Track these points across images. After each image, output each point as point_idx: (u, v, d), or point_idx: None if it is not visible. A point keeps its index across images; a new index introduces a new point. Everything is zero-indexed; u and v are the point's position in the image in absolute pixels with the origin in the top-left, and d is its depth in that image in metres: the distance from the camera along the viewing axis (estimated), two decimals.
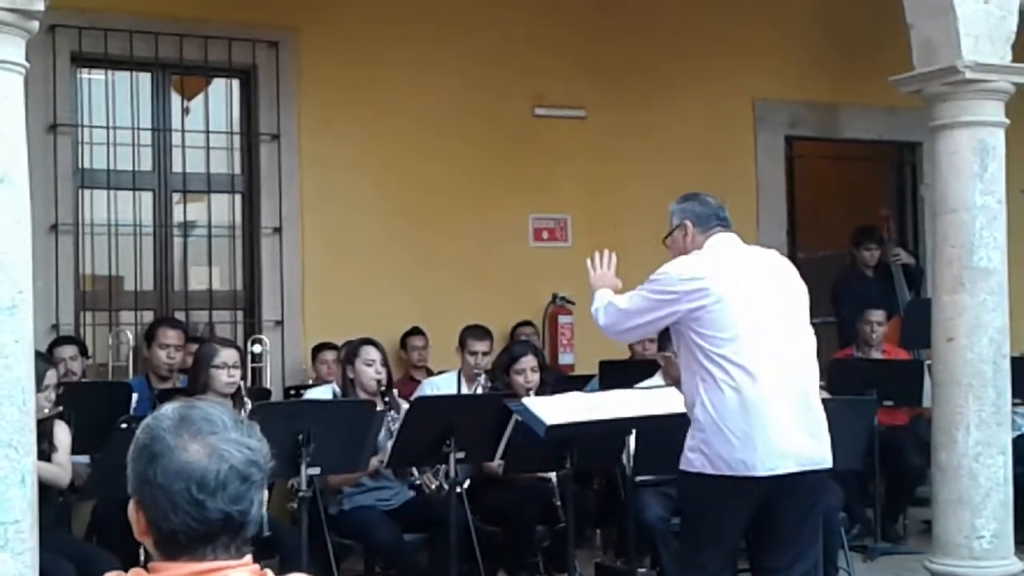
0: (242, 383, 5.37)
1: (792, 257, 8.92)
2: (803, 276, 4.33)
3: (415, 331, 7.57)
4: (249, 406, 4.99)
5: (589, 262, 4.55)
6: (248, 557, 1.79)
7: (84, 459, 5.19)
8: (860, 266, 8.55)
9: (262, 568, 1.80)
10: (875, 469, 6.79)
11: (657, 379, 5.76)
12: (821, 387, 6.08)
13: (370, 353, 5.63)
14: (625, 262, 4.59)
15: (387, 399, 5.51)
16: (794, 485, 4.00)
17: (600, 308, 4.33)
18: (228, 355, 5.29)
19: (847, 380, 6.75)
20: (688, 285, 4.05)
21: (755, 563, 4.39)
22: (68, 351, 6.30)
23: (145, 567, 1.78)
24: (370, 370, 5.58)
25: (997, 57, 5.28)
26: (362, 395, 5.51)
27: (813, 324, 4.16)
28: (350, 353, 5.70)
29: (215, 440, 1.75)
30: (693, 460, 4.07)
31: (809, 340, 4.19)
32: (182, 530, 1.74)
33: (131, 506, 1.79)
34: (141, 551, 1.81)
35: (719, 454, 3.98)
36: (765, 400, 3.96)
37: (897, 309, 8.11)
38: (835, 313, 8.56)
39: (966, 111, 5.30)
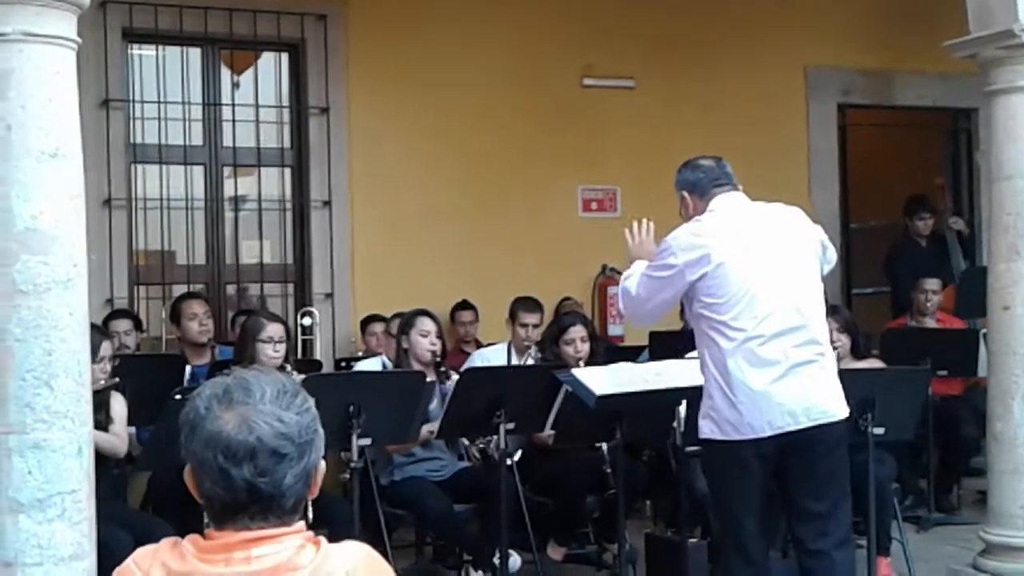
0: (290, 357, 5.42)
1: (845, 226, 8.91)
2: (856, 245, 4.28)
3: (464, 305, 7.58)
4: (295, 378, 5.01)
5: (627, 231, 4.52)
6: (301, 524, 1.80)
7: (131, 430, 5.24)
8: (914, 235, 8.45)
9: (315, 536, 1.81)
10: (929, 439, 6.74)
11: None
12: (874, 355, 6.08)
13: (425, 324, 5.65)
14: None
15: (441, 370, 5.54)
16: (808, 441, 3.97)
17: (620, 292, 4.31)
18: (274, 330, 5.33)
19: (901, 349, 6.68)
20: (689, 255, 4.02)
21: (794, 539, 4.34)
22: (123, 325, 6.38)
23: (202, 534, 1.80)
24: (425, 341, 5.61)
25: None
26: (416, 365, 5.54)
27: (866, 294, 4.11)
28: (405, 323, 5.72)
29: (246, 410, 1.76)
30: (703, 427, 4.10)
31: (816, 294, 4.13)
32: (214, 497, 1.76)
33: (186, 471, 1.82)
34: (204, 518, 1.81)
35: (726, 418, 3.98)
36: (768, 361, 3.94)
37: (952, 278, 8.01)
38: (889, 282, 8.48)
39: (1023, 75, 5.20)
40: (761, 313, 3.96)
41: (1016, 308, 5.21)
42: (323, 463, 1.85)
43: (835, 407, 4.07)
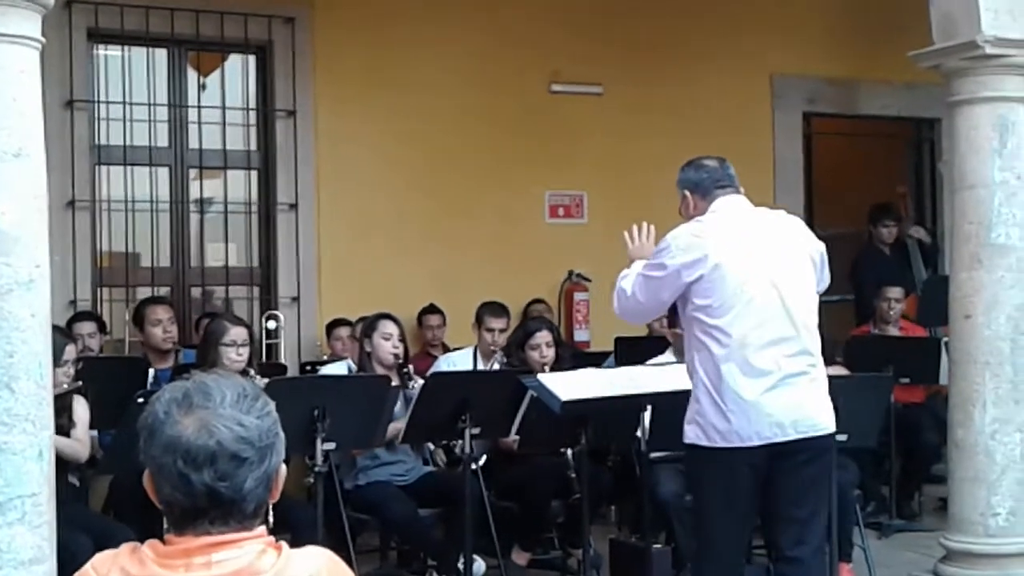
0: (254, 361, 5.39)
1: None
2: None
3: (432, 309, 7.58)
4: (259, 382, 4.98)
5: (627, 234, 4.46)
6: (261, 529, 1.79)
7: (92, 434, 5.20)
8: (878, 243, 8.52)
9: (277, 540, 1.80)
10: (891, 446, 6.79)
11: (668, 356, 5.76)
12: (838, 363, 6.13)
13: (387, 327, 5.65)
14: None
15: (404, 372, 5.54)
16: (793, 450, 3.94)
17: (616, 293, 4.24)
18: (237, 333, 5.30)
19: (864, 357, 6.73)
20: (686, 256, 3.96)
21: (770, 544, 4.29)
22: (87, 327, 6.32)
23: (162, 539, 1.79)
24: (387, 344, 5.60)
25: (1018, 31, 5.22)
26: (379, 369, 5.53)
27: (831, 302, 4.11)
28: (368, 327, 5.72)
29: (206, 415, 1.75)
30: (688, 432, 4.04)
31: (811, 305, 4.09)
32: (174, 502, 1.75)
33: (145, 476, 1.80)
34: (164, 522, 1.80)
35: (713, 425, 3.94)
36: (761, 371, 3.90)
37: (914, 287, 8.08)
38: (853, 290, 8.54)
39: (986, 86, 5.25)
40: (756, 320, 3.92)
41: (977, 317, 5.26)
42: (284, 467, 1.84)
43: (824, 420, 4.03)
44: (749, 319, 3.93)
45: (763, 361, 3.92)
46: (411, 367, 5.74)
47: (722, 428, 3.93)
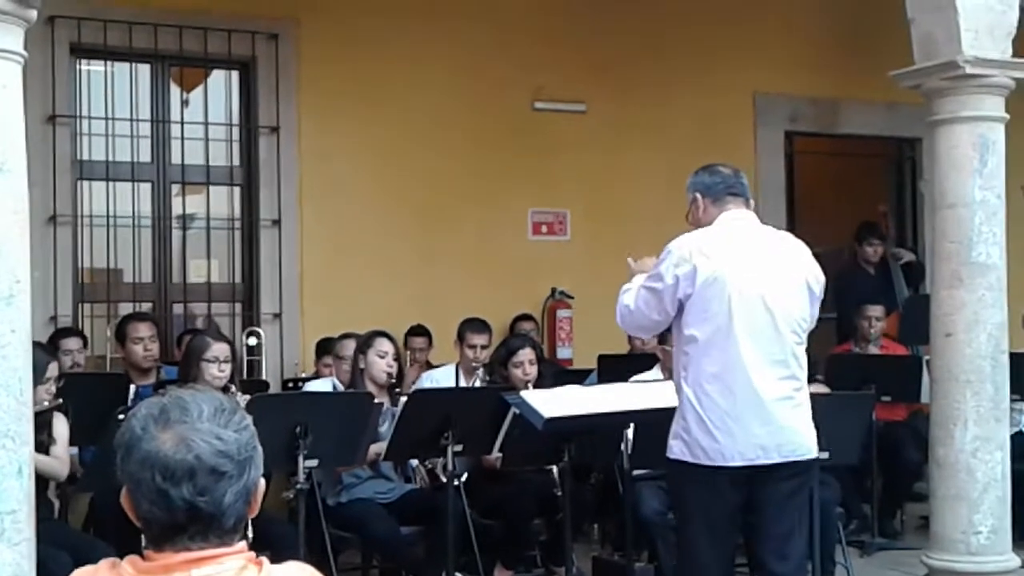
0: (236, 378, 5.36)
1: None
2: None
3: (418, 330, 7.48)
4: (240, 399, 4.95)
5: (630, 260, 4.43)
6: (242, 544, 1.78)
7: (73, 450, 5.17)
8: (862, 262, 8.55)
9: (257, 557, 1.79)
10: (872, 464, 6.80)
11: (655, 372, 5.76)
12: (819, 381, 6.14)
13: (383, 345, 5.62)
14: (623, 257, 4.57)
15: (396, 391, 5.51)
16: (774, 466, 3.96)
17: (619, 309, 4.22)
18: (219, 349, 5.27)
19: (845, 375, 6.75)
20: (684, 268, 3.97)
21: (754, 563, 4.25)
22: (74, 343, 6.31)
23: (141, 555, 1.78)
24: (382, 362, 5.57)
25: (998, 52, 5.27)
26: (371, 387, 5.50)
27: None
28: (363, 344, 5.68)
29: (184, 429, 1.74)
30: (672, 447, 4.05)
31: (801, 331, 4.09)
32: (152, 519, 1.74)
33: (123, 493, 1.79)
34: (142, 540, 1.79)
35: (698, 442, 3.95)
36: (747, 390, 3.91)
37: (896, 305, 8.11)
38: (835, 308, 8.57)
39: (966, 106, 5.29)
40: (747, 341, 3.93)
41: (958, 335, 5.29)
42: (263, 481, 1.83)
43: (808, 445, 4.04)
44: (740, 339, 3.93)
45: (751, 382, 3.92)
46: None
47: (707, 446, 3.94)
